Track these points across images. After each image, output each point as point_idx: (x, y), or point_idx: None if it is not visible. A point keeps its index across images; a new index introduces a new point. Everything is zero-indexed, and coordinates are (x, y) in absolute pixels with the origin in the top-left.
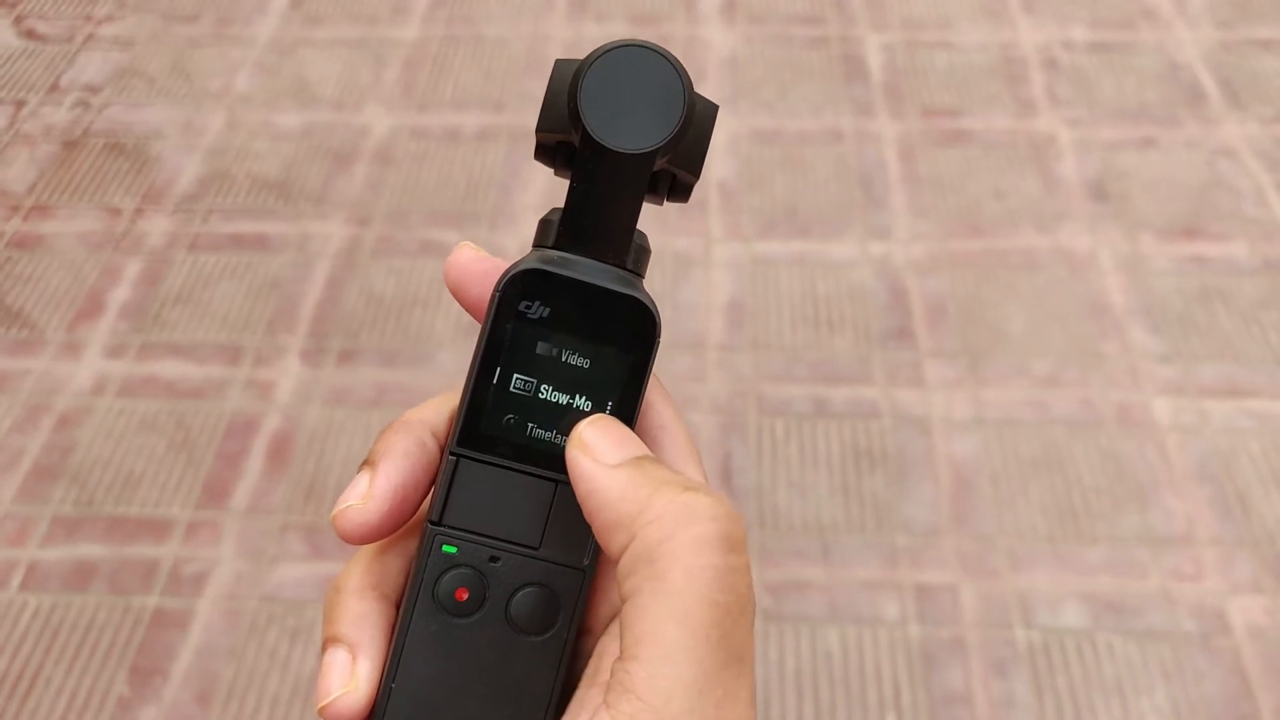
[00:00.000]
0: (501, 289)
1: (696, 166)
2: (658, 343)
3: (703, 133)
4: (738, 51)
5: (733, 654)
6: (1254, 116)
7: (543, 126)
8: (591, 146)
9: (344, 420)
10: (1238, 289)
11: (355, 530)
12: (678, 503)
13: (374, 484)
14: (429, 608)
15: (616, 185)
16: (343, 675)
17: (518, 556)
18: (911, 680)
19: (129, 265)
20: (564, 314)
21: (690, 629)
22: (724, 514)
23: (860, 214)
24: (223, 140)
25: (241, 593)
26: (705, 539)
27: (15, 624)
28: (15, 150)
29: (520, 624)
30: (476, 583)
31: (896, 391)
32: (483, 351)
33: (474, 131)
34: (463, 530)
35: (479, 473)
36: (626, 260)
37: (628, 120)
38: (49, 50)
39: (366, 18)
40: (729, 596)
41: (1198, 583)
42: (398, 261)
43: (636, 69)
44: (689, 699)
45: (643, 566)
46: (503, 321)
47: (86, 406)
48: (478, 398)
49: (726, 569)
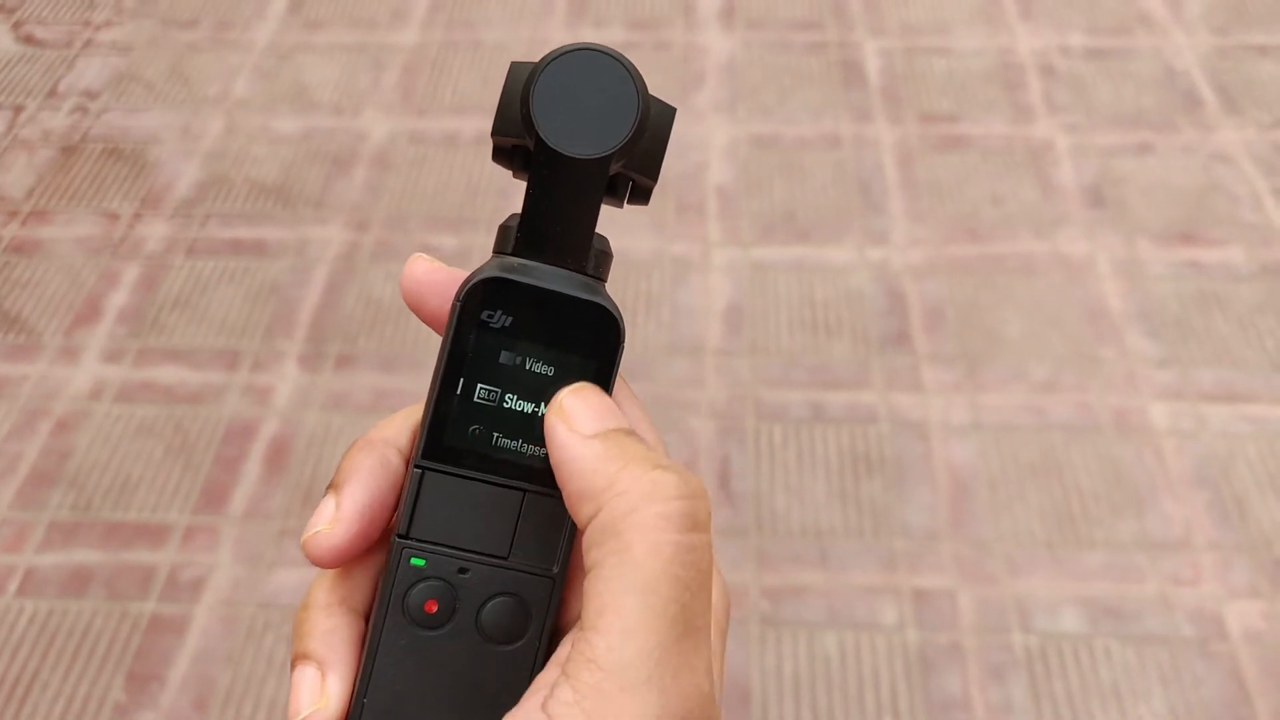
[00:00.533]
0: (462, 299)
1: (654, 170)
2: (622, 347)
3: (659, 136)
4: (736, 57)
5: (690, 625)
6: (1251, 122)
7: (498, 130)
8: (545, 152)
9: (342, 425)
10: (1235, 294)
11: (325, 555)
12: (645, 479)
13: (340, 507)
14: (399, 621)
15: (573, 191)
16: (312, 692)
17: (487, 567)
18: (909, 685)
19: (127, 270)
20: (526, 322)
21: (650, 602)
22: (689, 492)
23: (858, 219)
24: (221, 145)
25: (239, 598)
26: (669, 515)
27: (12, 629)
28: (13, 155)
29: (491, 634)
30: (446, 594)
31: (894, 396)
32: (445, 363)
33: (472, 136)
34: (430, 542)
35: (445, 485)
36: (587, 265)
37: (581, 125)
38: (47, 55)
39: (365, 22)
40: (689, 572)
41: (1195, 587)
42: (396, 266)
43: (590, 73)
44: (647, 668)
45: (608, 539)
46: (464, 332)
47: (84, 411)
48: (441, 409)
49: (688, 546)
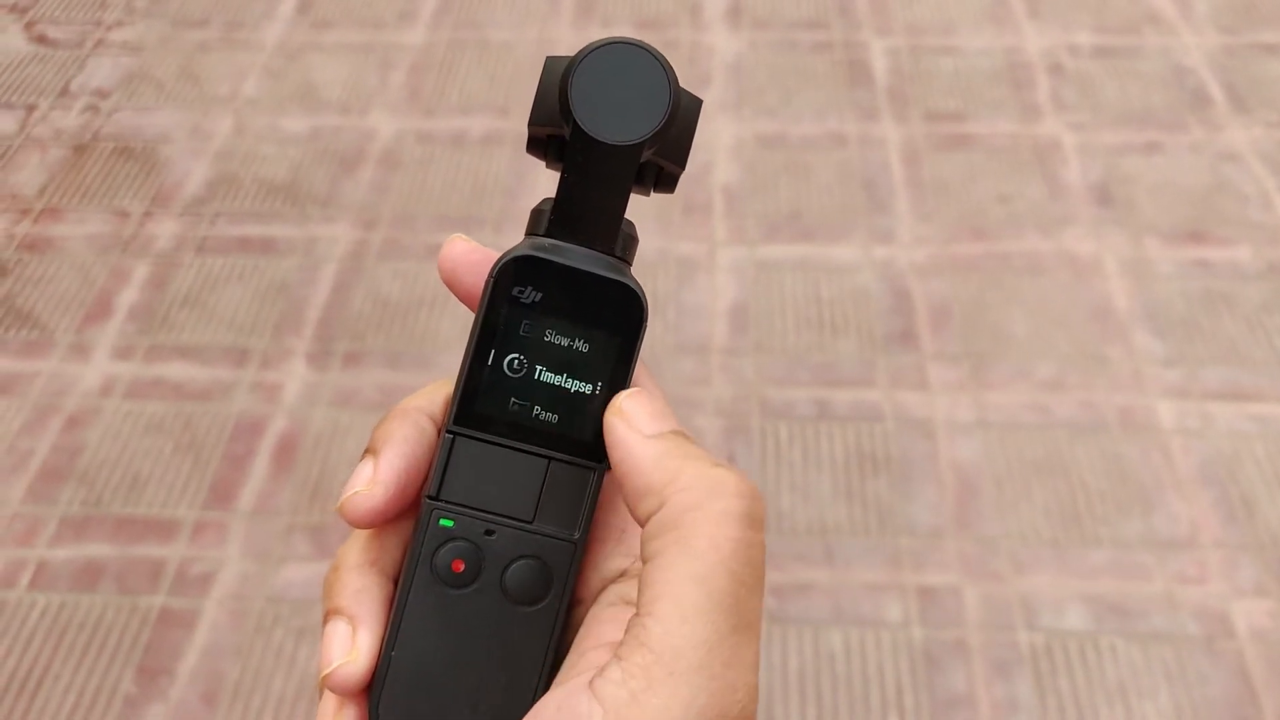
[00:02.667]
0: (495, 275)
1: (682, 158)
2: (645, 325)
3: (687, 126)
4: (742, 56)
5: (744, 620)
6: (1259, 121)
7: (535, 120)
8: (581, 139)
9: (350, 422)
10: (1242, 293)
11: (363, 515)
12: (708, 476)
13: (378, 470)
14: (427, 579)
15: (605, 176)
16: (344, 645)
17: (512, 530)
18: (914, 682)
19: (137, 268)
20: (555, 298)
21: (708, 593)
22: (749, 492)
23: (864, 218)
24: (230, 144)
25: (247, 593)
26: (731, 512)
27: (24, 623)
28: (26, 154)
29: (514, 595)
30: (472, 555)
31: (900, 394)
32: (478, 334)
33: (480, 136)
34: (459, 505)
35: (474, 450)
36: (615, 248)
37: (616, 114)
38: (59, 55)
39: (373, 23)
40: (746, 569)
41: (1201, 586)
42: (404, 264)
43: (624, 65)
44: (699, 656)
45: (669, 531)
46: (497, 306)
47: (95, 408)
48: (473, 378)
49: (747, 543)
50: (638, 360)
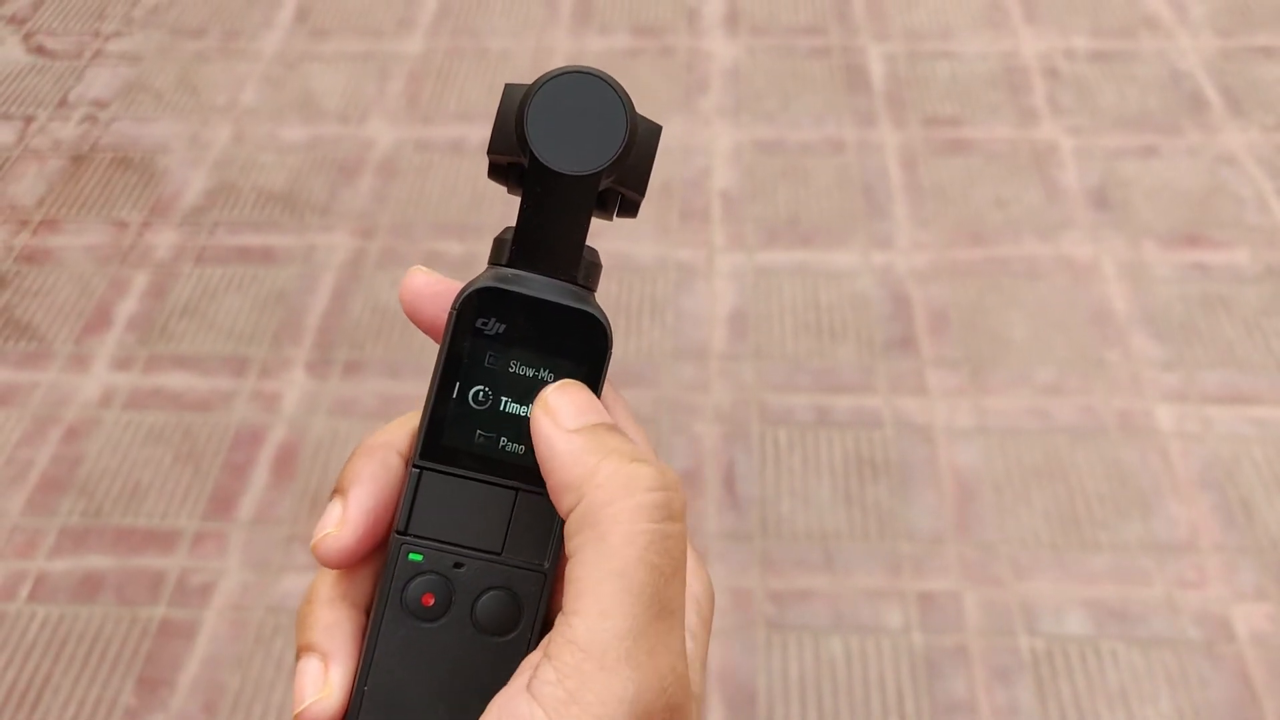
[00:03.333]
0: (459, 307)
1: (641, 185)
2: (609, 353)
3: (646, 153)
4: (740, 62)
5: (665, 608)
6: (1255, 124)
7: (494, 149)
8: (539, 170)
9: (349, 431)
10: (1240, 296)
11: (334, 556)
12: (623, 472)
13: (347, 510)
14: (397, 613)
15: (564, 205)
16: (316, 682)
17: (481, 562)
18: (915, 688)
19: (136, 278)
20: (518, 329)
21: (626, 586)
22: (664, 484)
23: (862, 223)
24: (229, 153)
25: (248, 603)
26: (645, 506)
27: (24, 635)
28: (24, 165)
29: (485, 626)
30: (442, 588)
31: (899, 400)
32: (442, 368)
33: (478, 144)
34: (428, 539)
35: (441, 484)
36: (578, 276)
37: (573, 144)
38: (57, 66)
39: (371, 31)
40: (664, 559)
41: (1201, 590)
42: (402, 273)
43: (580, 94)
44: (624, 648)
45: (587, 528)
46: (460, 338)
47: (94, 418)
48: (438, 412)
49: (663, 534)
50: (604, 386)
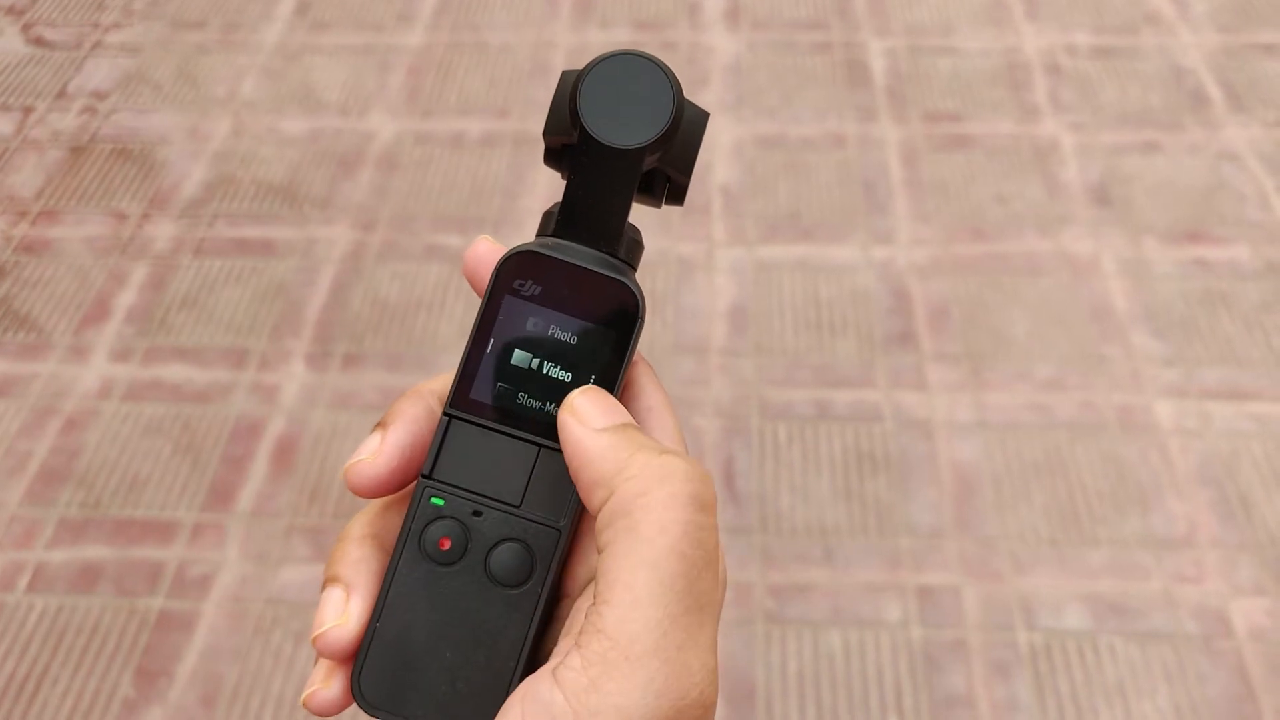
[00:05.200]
0: (499, 268)
1: (687, 166)
2: (640, 323)
3: (693, 136)
4: (741, 57)
5: (696, 602)
6: (1257, 120)
7: (549, 130)
8: (587, 142)
9: (348, 424)
10: (1240, 292)
11: (364, 483)
12: (654, 464)
13: (384, 442)
14: (415, 554)
15: (609, 178)
16: (336, 609)
17: (499, 512)
18: (914, 682)
19: (135, 270)
20: (553, 293)
21: (659, 577)
22: (696, 476)
23: (863, 218)
24: (228, 146)
25: (246, 595)
26: (677, 496)
27: (22, 626)
28: (23, 156)
29: (498, 576)
30: (459, 534)
31: (899, 395)
32: (478, 323)
33: (478, 137)
34: (450, 485)
35: (469, 433)
36: (618, 249)
37: (621, 119)
38: (57, 57)
39: (372, 24)
40: (697, 551)
41: (1200, 585)
42: (402, 266)
43: (631, 75)
44: (653, 639)
45: (619, 519)
46: (498, 297)
47: (93, 410)
48: (471, 364)
49: (696, 525)
50: (633, 357)
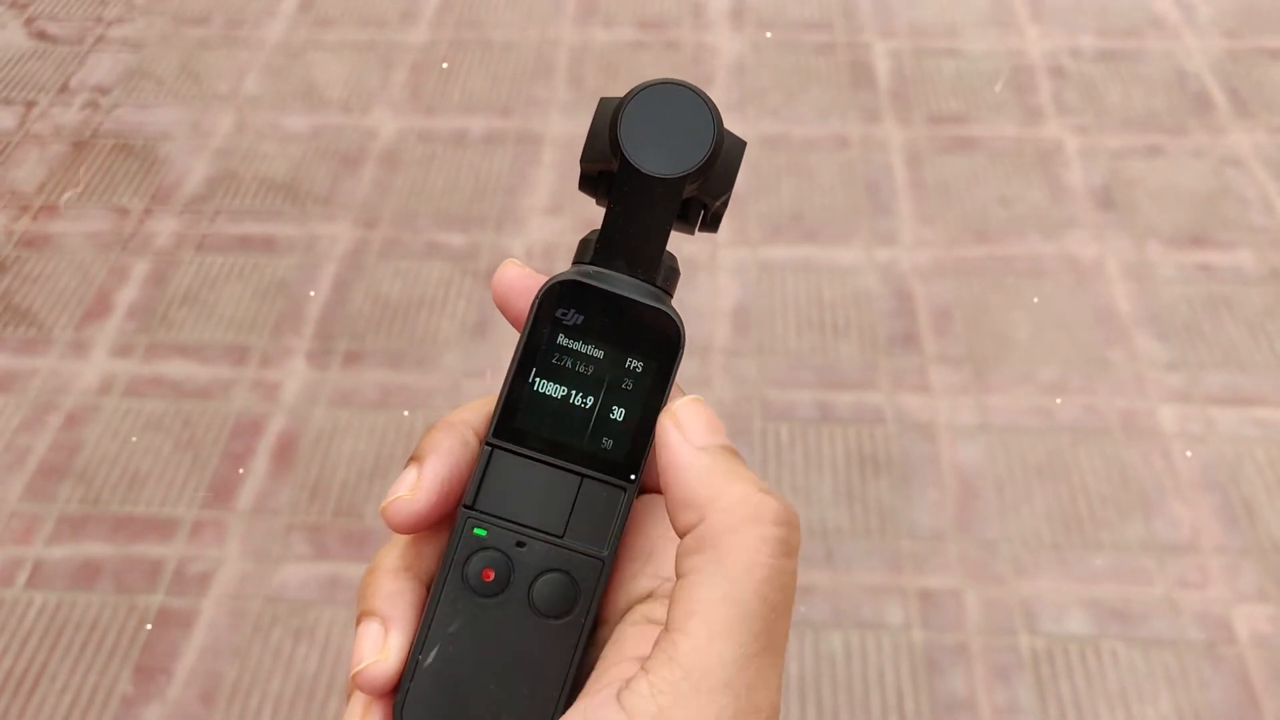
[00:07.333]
0: (541, 297)
1: (725, 195)
2: (682, 352)
3: (731, 164)
4: (745, 57)
5: (771, 643)
6: (1262, 125)
7: (587, 157)
8: (628, 171)
9: (349, 421)
10: (1244, 297)
11: (404, 520)
12: (751, 500)
13: (421, 477)
14: (458, 586)
15: (649, 207)
16: (375, 645)
17: (542, 543)
18: (915, 686)
19: (137, 265)
20: (596, 322)
21: (740, 615)
22: (788, 520)
23: (866, 220)
24: (231, 142)
25: (246, 593)
26: (768, 539)
27: (21, 621)
28: (25, 150)
29: (541, 607)
30: (503, 565)
31: (901, 397)
32: (521, 353)
33: (481, 135)
34: (493, 515)
35: (511, 463)
36: (657, 278)
37: (662, 149)
38: (59, 51)
39: (375, 21)
40: (778, 595)
41: (1203, 591)
42: (404, 263)
43: (672, 104)
44: (727, 675)
45: (707, 549)
46: (540, 326)
47: (93, 406)
48: (514, 394)
49: (781, 570)
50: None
